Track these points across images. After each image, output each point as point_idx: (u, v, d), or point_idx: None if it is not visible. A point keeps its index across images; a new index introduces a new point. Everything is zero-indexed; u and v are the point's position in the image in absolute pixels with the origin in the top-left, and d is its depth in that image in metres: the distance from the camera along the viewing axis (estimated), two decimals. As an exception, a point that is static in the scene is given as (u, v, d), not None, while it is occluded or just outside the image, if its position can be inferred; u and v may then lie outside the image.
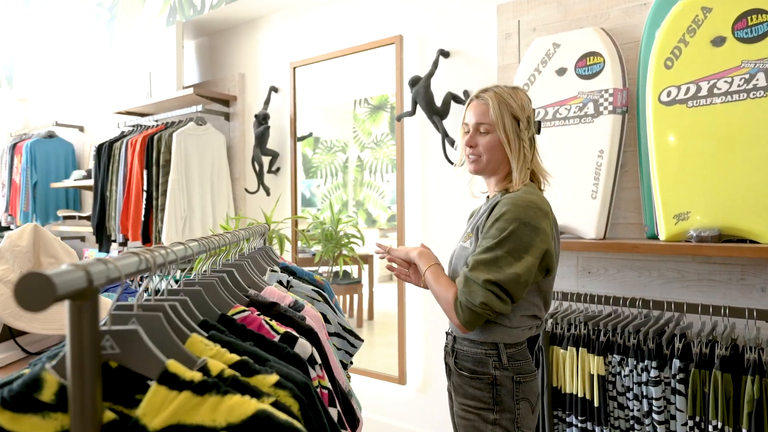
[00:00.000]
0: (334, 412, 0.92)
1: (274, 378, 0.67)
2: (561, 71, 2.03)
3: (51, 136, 4.48)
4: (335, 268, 3.17)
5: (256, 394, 0.63)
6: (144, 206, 3.18)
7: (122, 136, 3.55)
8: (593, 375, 1.69)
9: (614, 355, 1.66)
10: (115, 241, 3.43)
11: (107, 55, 4.14)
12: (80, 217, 4.14)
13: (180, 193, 3.09)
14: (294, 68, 3.08)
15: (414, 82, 2.42)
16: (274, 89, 3.20)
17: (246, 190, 3.31)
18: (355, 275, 3.27)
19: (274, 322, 0.93)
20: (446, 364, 1.41)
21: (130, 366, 0.55)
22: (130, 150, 3.30)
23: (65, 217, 4.26)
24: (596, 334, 1.72)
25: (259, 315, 0.95)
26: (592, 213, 1.88)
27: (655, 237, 1.80)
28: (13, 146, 4.48)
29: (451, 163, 2.42)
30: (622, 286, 1.99)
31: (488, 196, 1.45)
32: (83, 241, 4.53)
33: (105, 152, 3.50)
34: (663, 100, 1.74)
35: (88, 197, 4.48)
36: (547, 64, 2.06)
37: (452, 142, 2.40)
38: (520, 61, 2.19)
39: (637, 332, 1.65)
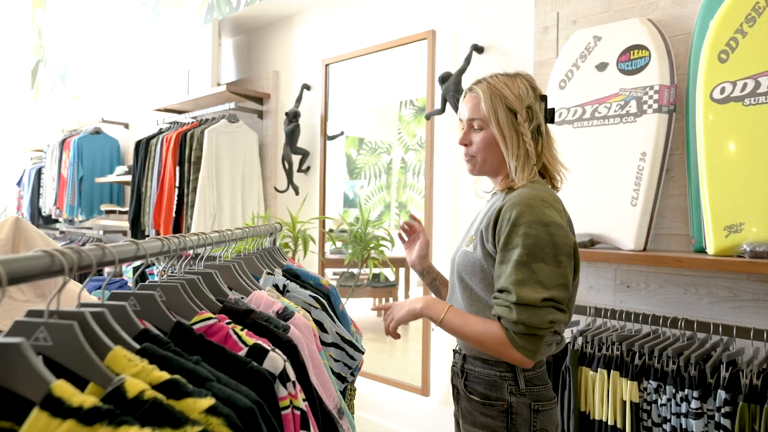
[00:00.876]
0: (305, 437, 0.82)
1: (207, 402, 0.57)
2: (601, 66, 1.86)
3: (97, 132, 4.61)
4: (365, 271, 3.08)
5: (178, 422, 0.54)
6: (176, 202, 3.20)
7: (159, 132, 3.59)
8: (626, 401, 1.52)
9: (650, 381, 1.49)
10: (148, 236, 3.47)
11: (150, 53, 4.22)
12: (120, 212, 4.23)
13: (210, 190, 3.08)
14: (326, 65, 3.01)
15: (444, 78, 2.29)
16: (306, 87, 3.15)
17: (275, 188, 3.27)
18: (393, 278, 3.18)
19: (244, 333, 0.84)
20: (454, 386, 1.28)
21: (10, 386, 0.47)
22: (164, 146, 3.32)
23: (107, 212, 4.37)
24: (631, 356, 1.54)
25: (229, 323, 0.87)
26: (632, 222, 1.71)
27: (703, 250, 1.61)
28: (63, 142, 4.64)
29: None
30: (665, 304, 1.80)
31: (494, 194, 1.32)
32: (125, 236, 4.63)
33: (142, 148, 3.55)
34: (715, 98, 1.55)
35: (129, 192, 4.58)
36: (587, 58, 1.90)
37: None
38: (558, 56, 2.04)
39: (678, 356, 1.47)
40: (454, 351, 1.30)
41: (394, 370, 2.77)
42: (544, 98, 1.22)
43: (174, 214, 3.20)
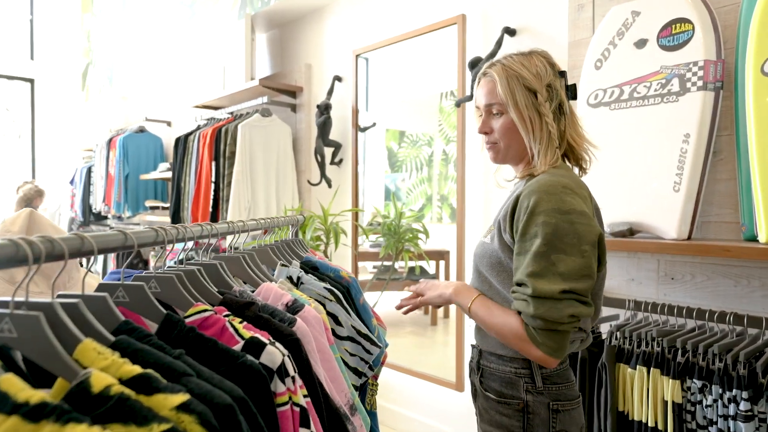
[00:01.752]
0: (304, 434, 0.78)
1: (179, 399, 0.54)
2: (640, 43, 1.74)
3: (141, 130, 4.74)
4: (400, 263, 3.04)
5: (144, 419, 0.51)
6: (212, 197, 3.24)
7: (197, 129, 3.65)
8: (667, 402, 1.41)
9: (694, 380, 1.38)
10: (187, 230, 3.53)
11: (188, 51, 4.30)
12: (163, 208, 4.34)
13: (244, 185, 3.10)
14: (356, 55, 2.97)
15: (474, 63, 2.21)
16: (337, 78, 3.12)
17: (308, 181, 3.26)
18: (432, 271, 3.13)
19: (241, 326, 0.81)
20: (471, 383, 1.22)
21: (-43, 380, 0.45)
22: (201, 142, 3.37)
23: (151, 207, 4.50)
24: (673, 352, 1.44)
25: (227, 316, 0.84)
26: (674, 209, 1.59)
27: (755, 239, 1.47)
28: (109, 141, 4.80)
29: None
30: (713, 297, 1.67)
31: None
32: (169, 231, 4.75)
33: (181, 145, 3.62)
34: (767, 72, 1.41)
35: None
36: (624, 35, 1.78)
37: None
38: (594, 35, 1.92)
39: (726, 353, 1.35)
40: (472, 346, 1.24)
41: (430, 365, 2.72)
42: (563, 74, 1.13)
43: (211, 209, 3.24)
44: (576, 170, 1.20)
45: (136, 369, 0.55)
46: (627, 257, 1.88)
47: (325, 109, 3.02)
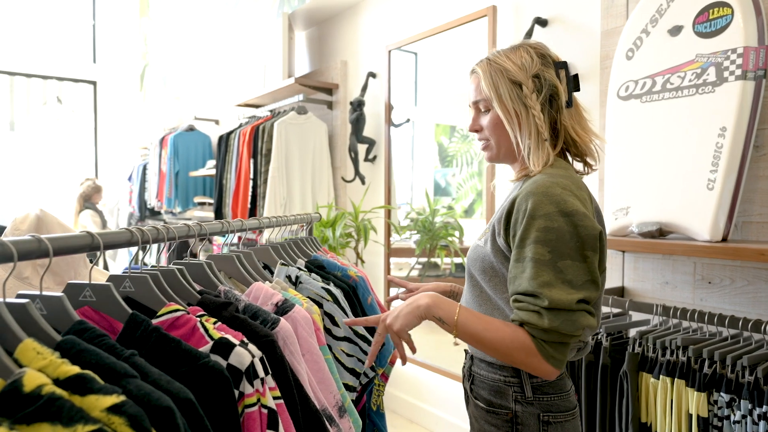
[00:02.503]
0: (271, 437, 0.78)
1: (111, 400, 0.55)
2: (675, 30, 1.62)
3: (191, 129, 4.91)
4: (435, 260, 3.01)
5: (70, 420, 0.52)
6: (251, 194, 3.32)
7: (238, 127, 3.75)
8: (692, 415, 1.32)
9: (722, 394, 1.28)
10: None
11: (233, 51, 4.42)
12: (209, 204, 4.49)
13: (280, 182, 3.15)
14: (389, 51, 2.95)
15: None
16: (371, 75, 3.11)
17: (342, 178, 3.28)
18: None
19: (212, 326, 0.81)
20: (464, 389, 1.17)
21: None
22: (240, 140, 3.46)
23: (199, 203, 4.66)
24: (699, 363, 1.34)
25: (201, 316, 0.85)
26: (707, 208, 1.48)
27: (798, 241, 1.35)
28: (162, 139, 5.00)
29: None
30: (754, 303, 1.54)
31: None
32: (216, 226, 4.91)
33: (223, 143, 3.72)
34: (812, 57, 1.28)
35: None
36: (658, 23, 1.67)
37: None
38: (626, 23, 1.81)
39: (756, 366, 1.25)
40: (465, 351, 1.19)
41: (445, 360, 2.72)
42: (563, 65, 1.06)
43: (249, 205, 3.32)
44: (581, 166, 1.13)
45: (74, 369, 0.56)
46: (661, 259, 1.77)
47: (357, 105, 3.02)
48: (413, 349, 1.11)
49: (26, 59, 5.91)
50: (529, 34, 2.13)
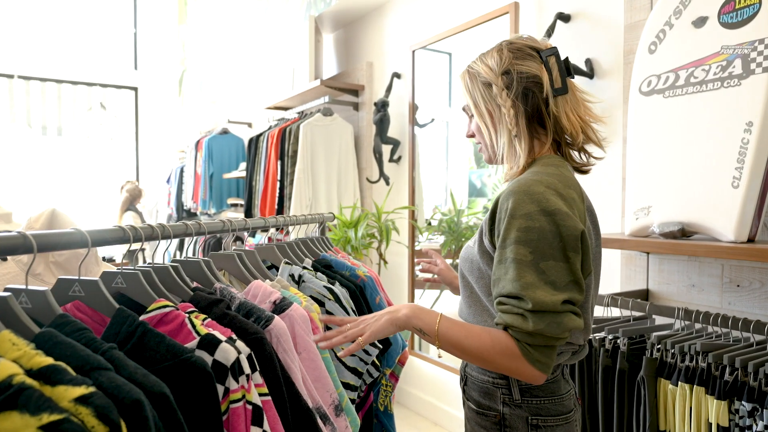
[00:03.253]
0: (256, 432, 0.79)
1: (79, 391, 0.57)
2: (699, 21, 1.56)
3: (225, 132, 5.03)
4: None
5: (37, 409, 0.53)
6: (278, 195, 3.37)
7: (267, 129, 3.81)
8: (711, 424, 1.26)
9: (743, 402, 1.21)
10: (257, 227, 3.70)
11: (265, 55, 4.50)
12: (241, 205, 4.58)
13: (305, 183, 3.19)
14: (413, 51, 2.94)
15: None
16: (396, 75, 3.11)
17: (367, 179, 3.29)
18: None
19: (200, 323, 0.83)
20: (461, 390, 1.15)
21: None
22: (269, 142, 3.51)
23: (232, 205, 4.76)
24: (720, 369, 1.27)
25: (192, 312, 0.86)
26: (732, 207, 1.41)
27: (830, 242, 1.27)
28: (197, 142, 5.14)
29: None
30: (785, 308, 1.46)
31: None
32: (249, 227, 5.01)
33: (253, 145, 3.79)
34: (844, 46, 1.21)
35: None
36: (681, 14, 1.60)
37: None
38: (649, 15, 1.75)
39: (783, 374, 1.18)
40: None
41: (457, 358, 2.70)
42: (552, 51, 1.01)
43: (277, 206, 3.37)
44: (583, 157, 1.09)
45: (46, 360, 0.58)
46: (687, 261, 1.70)
47: (382, 106, 3.03)
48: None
49: (72, 67, 6.18)
50: (551, 29, 2.09)
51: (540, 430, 0.97)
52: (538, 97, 1.00)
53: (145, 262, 5.64)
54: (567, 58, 1.05)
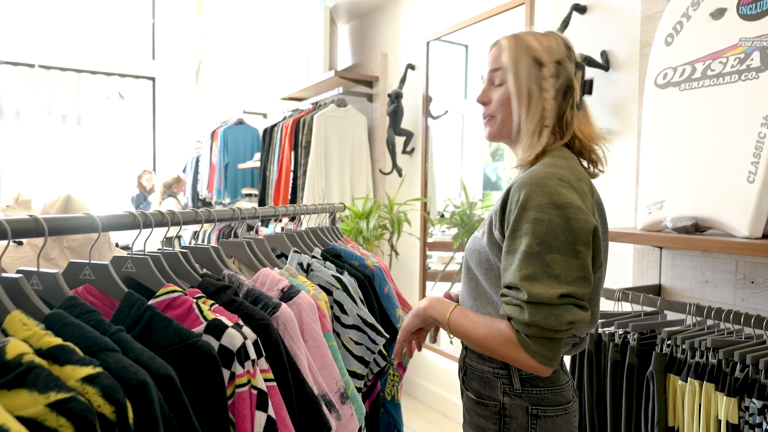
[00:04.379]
0: (261, 417, 0.80)
1: (86, 371, 0.58)
2: (718, 13, 1.53)
3: (240, 122, 5.06)
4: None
5: (45, 387, 0.55)
6: (291, 185, 3.39)
7: (282, 120, 3.82)
8: (721, 421, 1.25)
9: (753, 400, 1.20)
10: (271, 217, 3.73)
11: (281, 46, 4.51)
12: (255, 195, 4.61)
13: (318, 174, 3.20)
14: (427, 42, 2.93)
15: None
16: (410, 67, 3.10)
17: (380, 170, 3.29)
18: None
19: (206, 308, 0.84)
20: (460, 380, 1.16)
21: None
22: (283, 133, 3.53)
23: (246, 195, 4.80)
24: (731, 366, 1.26)
25: (200, 297, 0.88)
26: (747, 202, 1.38)
27: None
28: (213, 133, 5.18)
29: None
30: (800, 306, 1.44)
31: None
32: (263, 217, 5.05)
33: (267, 136, 3.81)
34: None
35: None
36: (699, 6, 1.57)
37: (583, 115, 2.00)
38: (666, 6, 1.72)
39: (794, 372, 1.16)
40: (462, 342, 1.17)
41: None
42: (582, 66, 1.03)
43: (290, 196, 3.39)
44: (590, 167, 1.09)
45: (55, 341, 0.60)
46: (701, 257, 1.68)
47: (395, 97, 3.02)
48: (416, 348, 1.15)
49: (91, 57, 6.26)
50: (566, 21, 2.06)
51: (540, 420, 0.97)
52: (570, 99, 1.01)
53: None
54: (592, 79, 1.05)
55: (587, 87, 1.04)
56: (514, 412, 0.98)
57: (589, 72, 2.02)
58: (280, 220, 3.76)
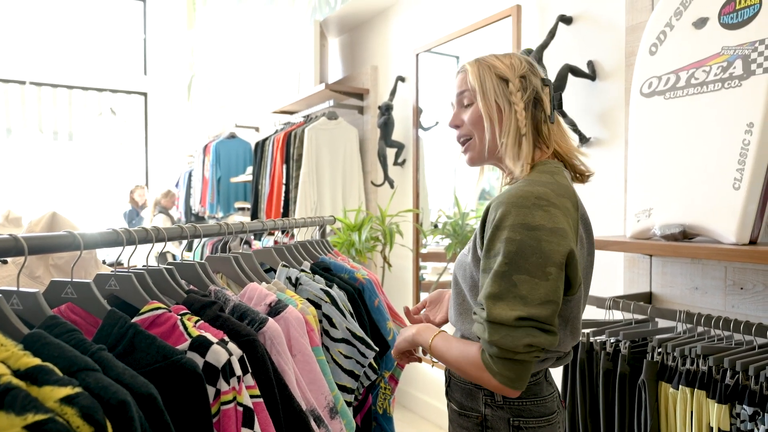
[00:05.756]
0: (246, 434, 0.79)
1: (65, 392, 0.57)
2: (700, 23, 1.55)
3: (233, 136, 5.07)
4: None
5: (23, 409, 0.54)
6: (283, 198, 3.39)
7: (274, 133, 3.83)
8: (713, 428, 1.24)
9: (744, 406, 1.20)
10: (263, 230, 3.72)
11: (272, 60, 4.53)
12: (248, 209, 4.60)
13: (310, 186, 3.20)
14: (416, 55, 2.95)
15: (525, 55, 2.10)
16: (400, 79, 3.12)
17: (372, 182, 3.29)
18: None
19: (191, 325, 0.84)
20: (445, 392, 1.16)
21: None
22: (274, 146, 3.53)
23: (239, 208, 4.79)
24: (721, 373, 1.26)
25: (185, 314, 0.87)
26: (733, 209, 1.39)
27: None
28: (205, 147, 5.18)
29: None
30: (789, 311, 1.44)
31: None
32: (256, 230, 5.03)
33: (259, 149, 3.82)
34: None
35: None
36: (682, 15, 1.59)
37: (571, 123, 2.02)
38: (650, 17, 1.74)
39: (784, 378, 1.16)
40: None
41: None
42: (548, 83, 1.04)
43: (282, 209, 3.39)
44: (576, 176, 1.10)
45: (34, 361, 0.59)
46: (690, 263, 1.68)
47: (386, 109, 3.03)
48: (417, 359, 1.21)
49: (83, 73, 6.27)
50: (552, 32, 2.08)
51: None
52: (542, 111, 1.02)
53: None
54: (560, 93, 1.07)
55: (557, 102, 1.05)
56: (496, 424, 0.98)
57: (576, 82, 2.03)
58: (273, 234, 3.75)
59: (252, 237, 3.65)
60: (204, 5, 6.03)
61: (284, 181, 3.38)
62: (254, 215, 3.83)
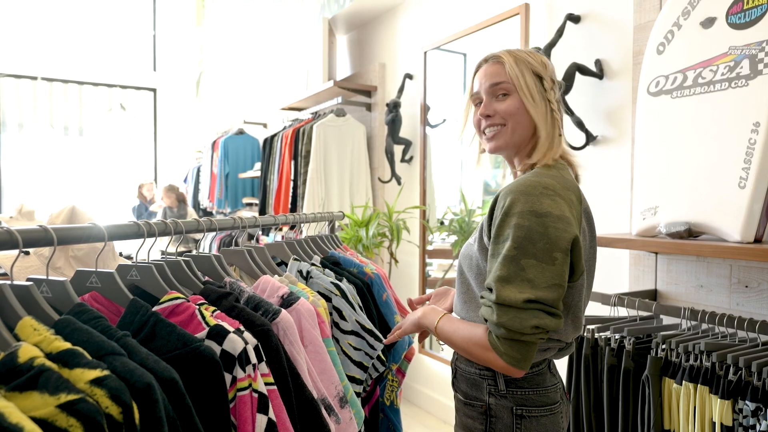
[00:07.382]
0: (262, 420, 0.82)
1: (94, 374, 0.61)
2: (708, 22, 1.56)
3: (241, 132, 5.11)
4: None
5: (56, 389, 0.57)
6: (291, 194, 3.42)
7: (282, 130, 3.86)
8: (715, 423, 1.26)
9: (747, 402, 1.22)
10: (271, 226, 3.76)
11: (281, 56, 4.55)
12: (255, 205, 4.64)
13: (318, 183, 3.23)
14: (425, 52, 2.97)
15: (532, 54, 2.11)
16: (408, 76, 3.14)
17: (379, 179, 3.32)
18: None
19: (208, 314, 0.87)
20: (451, 382, 1.19)
21: None
22: (283, 142, 3.57)
23: (247, 204, 4.83)
24: (724, 369, 1.28)
25: (202, 304, 0.90)
26: (739, 207, 1.41)
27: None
28: (213, 143, 5.22)
29: (583, 147, 2.05)
30: (793, 309, 1.46)
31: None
32: (264, 226, 5.07)
33: (268, 146, 3.85)
34: None
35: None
36: (690, 15, 1.61)
37: (578, 122, 2.03)
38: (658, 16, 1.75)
39: (786, 374, 1.18)
40: None
41: None
42: (561, 85, 1.09)
43: (290, 206, 3.42)
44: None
45: (65, 345, 0.62)
46: (695, 261, 1.70)
47: (394, 107, 3.06)
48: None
49: (94, 69, 6.32)
50: (561, 30, 2.10)
51: (524, 420, 1.00)
52: (560, 110, 1.08)
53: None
54: (564, 96, 1.10)
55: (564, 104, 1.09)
56: (500, 413, 1.01)
57: (584, 80, 2.05)
58: (281, 229, 3.79)
59: (260, 232, 3.70)
60: (213, 2, 6.06)
61: (292, 177, 3.42)
62: (262, 211, 3.86)
